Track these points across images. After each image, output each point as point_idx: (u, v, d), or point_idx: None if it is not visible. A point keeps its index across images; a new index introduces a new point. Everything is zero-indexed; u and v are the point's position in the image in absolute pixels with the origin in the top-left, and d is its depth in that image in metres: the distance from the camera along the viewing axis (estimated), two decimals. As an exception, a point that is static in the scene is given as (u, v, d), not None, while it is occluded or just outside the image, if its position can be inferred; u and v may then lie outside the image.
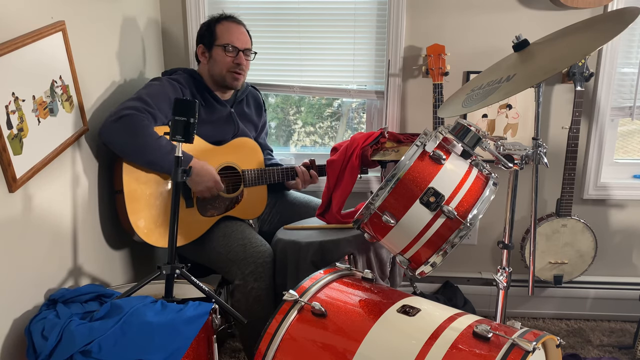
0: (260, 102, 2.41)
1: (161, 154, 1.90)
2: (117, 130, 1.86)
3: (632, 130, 2.73)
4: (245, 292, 1.96)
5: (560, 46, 1.62)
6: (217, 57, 2.15)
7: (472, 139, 1.51)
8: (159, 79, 2.09)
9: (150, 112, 1.92)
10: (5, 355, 1.47)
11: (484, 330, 1.23)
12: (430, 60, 2.43)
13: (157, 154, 1.89)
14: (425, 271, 1.52)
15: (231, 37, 2.14)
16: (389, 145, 2.12)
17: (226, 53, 2.13)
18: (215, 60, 2.15)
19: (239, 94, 2.28)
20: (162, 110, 1.98)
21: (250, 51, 2.20)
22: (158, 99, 1.98)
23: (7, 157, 1.44)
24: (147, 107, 1.92)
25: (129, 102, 1.92)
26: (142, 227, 1.95)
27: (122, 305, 1.46)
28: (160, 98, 1.99)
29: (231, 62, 2.14)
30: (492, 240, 2.74)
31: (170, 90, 2.04)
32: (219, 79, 2.17)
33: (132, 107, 1.89)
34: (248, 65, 2.21)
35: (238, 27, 2.18)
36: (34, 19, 1.58)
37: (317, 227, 2.08)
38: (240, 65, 2.15)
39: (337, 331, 1.35)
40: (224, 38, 2.14)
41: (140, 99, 1.94)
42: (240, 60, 2.15)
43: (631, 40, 2.49)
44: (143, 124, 1.87)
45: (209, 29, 2.16)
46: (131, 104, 1.90)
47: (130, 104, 1.90)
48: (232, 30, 2.15)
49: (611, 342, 2.54)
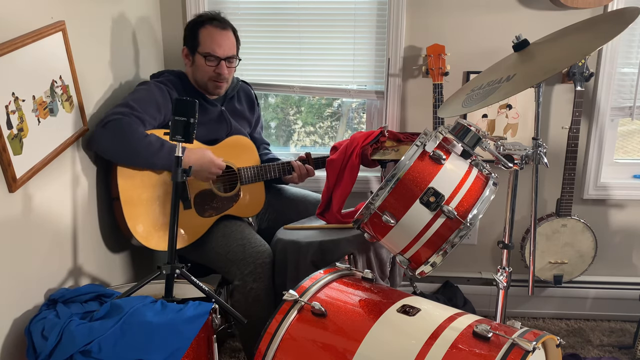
0: (252, 97, 2.38)
1: (152, 152, 1.89)
2: (105, 135, 1.85)
3: (632, 130, 2.73)
4: (244, 293, 1.96)
5: (560, 46, 1.62)
6: (198, 64, 2.11)
7: (472, 139, 1.51)
8: (146, 83, 2.08)
9: (137, 115, 1.92)
10: (5, 355, 1.47)
11: (484, 330, 1.23)
12: (430, 60, 2.43)
13: (148, 152, 1.89)
14: (425, 271, 1.52)
15: (213, 46, 2.08)
16: (389, 144, 2.12)
17: (207, 62, 2.09)
18: (197, 67, 2.12)
19: (229, 91, 2.26)
20: (150, 114, 1.97)
21: (233, 58, 2.14)
22: (145, 104, 1.97)
23: (7, 157, 1.44)
24: (134, 112, 1.91)
25: (115, 108, 1.92)
26: (141, 232, 1.95)
27: (122, 305, 1.46)
28: (147, 102, 1.98)
29: (212, 72, 2.10)
30: (492, 240, 2.74)
31: (157, 93, 2.03)
32: (201, 84, 2.15)
33: (118, 113, 1.88)
34: (232, 71, 2.17)
35: (222, 33, 2.10)
36: (34, 19, 1.58)
37: (317, 227, 2.08)
38: (221, 75, 2.11)
39: (337, 331, 1.35)
40: (205, 46, 2.09)
41: (126, 105, 1.93)
42: (222, 70, 2.10)
43: (631, 40, 2.49)
44: (131, 127, 1.87)
45: (192, 33, 2.12)
46: (117, 110, 1.90)
47: (116, 110, 1.90)
48: (214, 37, 2.09)
49: (611, 342, 2.54)
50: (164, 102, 2.04)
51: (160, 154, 1.90)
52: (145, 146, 1.89)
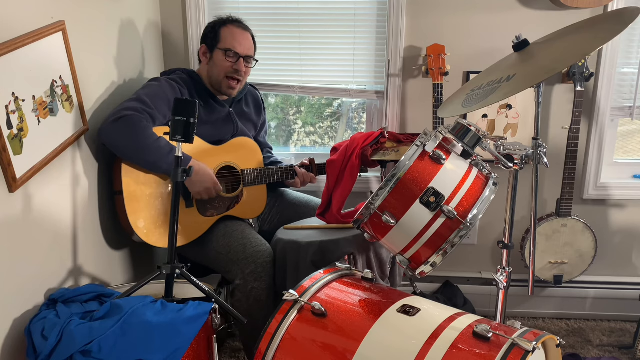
0: (259, 101, 2.41)
1: (160, 155, 1.90)
2: (117, 130, 1.86)
3: (632, 130, 2.73)
4: (245, 292, 1.96)
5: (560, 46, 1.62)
6: (217, 60, 2.14)
7: (472, 139, 1.51)
8: (157, 80, 2.09)
9: (149, 112, 1.93)
10: (5, 355, 1.47)
11: (484, 330, 1.23)
12: (430, 60, 2.43)
13: (157, 155, 1.90)
14: (425, 271, 1.52)
15: (234, 42, 2.13)
16: (389, 145, 2.12)
17: (226, 57, 2.13)
18: (215, 63, 2.15)
19: (238, 93, 2.28)
20: (161, 111, 1.98)
21: (251, 58, 2.19)
22: (156, 100, 1.98)
23: (7, 157, 1.44)
24: (146, 108, 1.92)
25: (127, 102, 1.92)
26: (142, 227, 1.95)
27: (122, 305, 1.46)
28: (159, 98, 1.99)
29: (230, 67, 2.13)
30: (492, 240, 2.74)
31: (168, 90, 2.04)
32: (215, 82, 2.17)
33: (131, 108, 1.89)
34: (248, 72, 2.20)
35: (243, 33, 2.17)
36: (34, 19, 1.58)
37: (317, 227, 2.08)
38: (239, 71, 2.14)
39: (337, 331, 1.35)
40: (226, 42, 2.13)
41: (139, 100, 1.94)
42: (240, 66, 2.14)
43: (631, 40, 2.49)
44: (142, 125, 1.88)
45: (214, 31, 2.16)
46: (130, 105, 1.91)
47: (129, 105, 1.91)
48: (236, 35, 2.15)
49: (611, 342, 2.54)
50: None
51: (168, 159, 1.90)
52: (155, 149, 1.89)
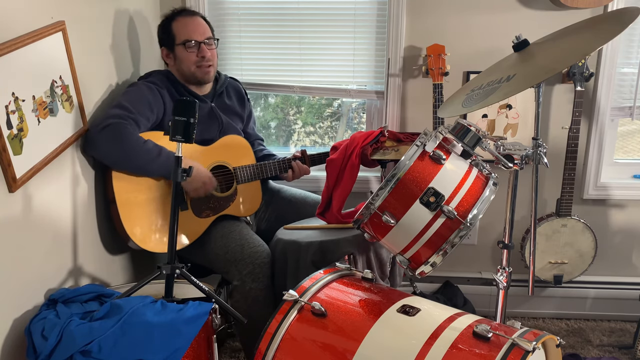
0: (241, 92, 2.38)
1: (149, 159, 1.90)
2: (104, 139, 1.85)
3: (632, 130, 2.73)
4: (243, 293, 1.96)
5: (560, 46, 1.62)
6: (181, 56, 2.12)
7: (472, 139, 1.51)
8: (135, 84, 2.08)
9: (133, 117, 1.92)
10: (5, 355, 1.47)
11: (484, 330, 1.23)
12: (430, 60, 2.43)
13: (145, 158, 1.90)
14: (425, 271, 1.52)
15: (188, 32, 2.10)
16: (388, 144, 2.12)
17: (187, 50, 2.10)
18: (180, 60, 2.12)
19: (217, 87, 2.25)
20: (143, 115, 1.98)
21: (211, 39, 2.16)
22: (137, 104, 1.97)
23: (7, 157, 1.44)
24: (129, 114, 1.92)
25: (110, 110, 1.92)
26: (139, 234, 1.95)
27: (122, 305, 1.46)
28: (140, 102, 1.99)
29: (195, 57, 2.11)
30: (492, 240, 2.74)
31: (148, 93, 2.03)
32: (189, 76, 2.14)
33: (114, 115, 1.88)
34: (214, 53, 2.17)
35: (193, 20, 2.13)
36: (34, 19, 1.58)
37: (317, 227, 2.08)
38: (204, 57, 2.11)
39: (337, 331, 1.35)
40: (181, 35, 2.10)
41: (120, 106, 1.93)
42: (204, 52, 2.11)
43: (631, 40, 2.49)
44: (128, 131, 1.87)
45: (166, 30, 2.13)
46: (113, 112, 1.90)
47: (112, 112, 1.90)
48: (187, 24, 2.11)
49: (611, 342, 2.54)
50: (155, 101, 2.04)
51: (158, 160, 1.91)
52: (143, 153, 1.89)
